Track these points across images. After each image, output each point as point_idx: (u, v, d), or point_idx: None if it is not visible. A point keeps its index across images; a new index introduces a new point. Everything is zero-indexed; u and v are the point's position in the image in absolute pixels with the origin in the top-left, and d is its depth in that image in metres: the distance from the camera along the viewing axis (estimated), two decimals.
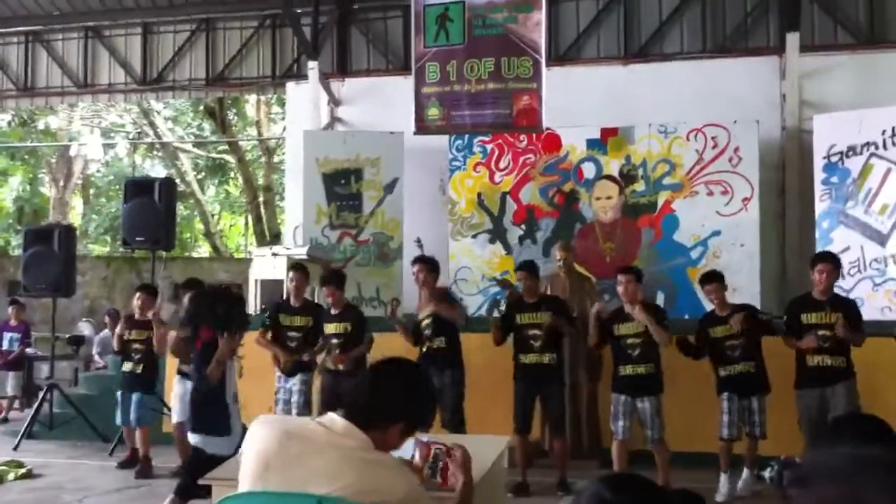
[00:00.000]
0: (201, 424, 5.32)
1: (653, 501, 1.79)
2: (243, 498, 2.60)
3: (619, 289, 6.61)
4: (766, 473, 3.09)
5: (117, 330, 8.02)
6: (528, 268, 7.22)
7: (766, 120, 9.78)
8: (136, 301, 7.85)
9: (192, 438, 5.38)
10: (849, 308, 6.36)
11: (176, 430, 7.26)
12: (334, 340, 7.26)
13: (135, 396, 7.57)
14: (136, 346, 7.67)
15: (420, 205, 10.40)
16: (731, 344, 6.56)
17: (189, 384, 6.72)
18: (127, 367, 7.71)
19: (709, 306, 6.98)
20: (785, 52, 10.25)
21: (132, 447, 7.64)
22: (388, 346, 6.70)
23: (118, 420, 7.69)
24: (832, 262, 6.47)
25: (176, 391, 7.38)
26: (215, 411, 5.26)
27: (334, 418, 2.61)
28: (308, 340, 7.33)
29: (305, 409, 7.20)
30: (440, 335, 7.10)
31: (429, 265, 7.39)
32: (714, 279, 6.79)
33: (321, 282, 7.75)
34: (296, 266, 7.76)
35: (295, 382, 7.29)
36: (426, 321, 7.19)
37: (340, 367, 7.13)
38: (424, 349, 7.13)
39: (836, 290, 6.56)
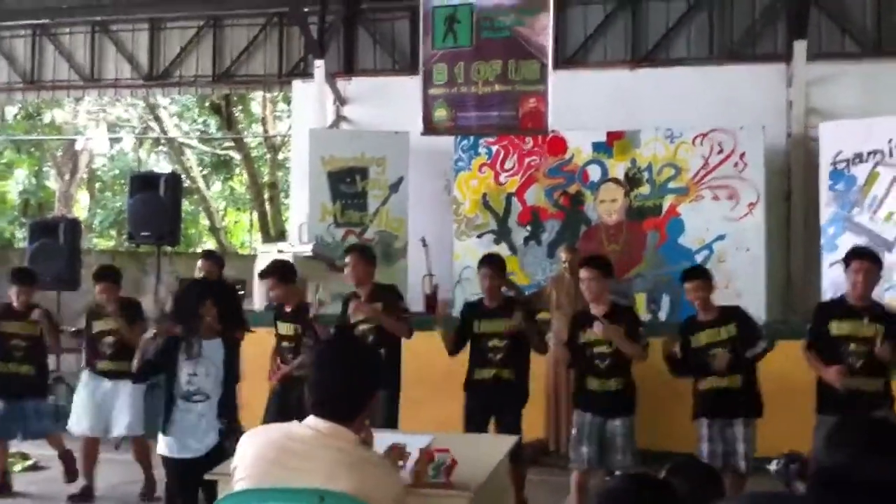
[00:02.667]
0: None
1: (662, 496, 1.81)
2: (246, 495, 2.61)
3: (582, 286, 5.71)
4: (772, 467, 3.10)
5: None
6: (489, 260, 6.25)
7: (772, 126, 9.77)
8: (13, 290, 6.73)
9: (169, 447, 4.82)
10: (892, 322, 5.24)
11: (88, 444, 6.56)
12: (285, 344, 6.35)
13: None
14: (17, 341, 6.68)
15: (425, 205, 10.41)
16: (716, 353, 5.58)
17: (106, 385, 6.44)
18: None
19: None
20: (792, 59, 10.24)
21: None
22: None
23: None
24: (871, 259, 5.37)
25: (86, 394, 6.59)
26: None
27: (317, 420, 2.61)
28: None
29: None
30: (379, 347, 5.95)
31: (364, 254, 6.51)
32: (696, 276, 5.81)
33: (260, 275, 6.84)
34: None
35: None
36: (363, 327, 6.25)
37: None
38: None
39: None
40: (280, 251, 9.13)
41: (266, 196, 21.92)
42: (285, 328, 6.38)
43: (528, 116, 9.38)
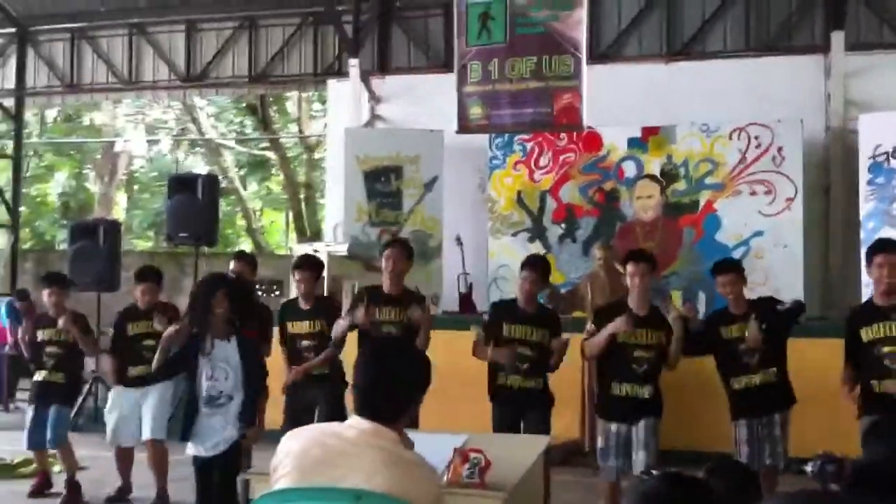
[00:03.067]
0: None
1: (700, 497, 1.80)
2: (283, 493, 2.62)
3: (629, 281, 5.32)
4: (808, 468, 3.07)
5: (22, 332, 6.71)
6: (535, 263, 5.82)
7: (810, 119, 9.67)
8: (48, 297, 6.56)
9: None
10: None
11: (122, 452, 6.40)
12: (305, 343, 6.05)
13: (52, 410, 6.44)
14: (52, 348, 6.52)
15: (460, 203, 10.41)
16: (749, 325, 5.28)
17: (133, 394, 6.24)
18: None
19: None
20: (830, 50, 10.12)
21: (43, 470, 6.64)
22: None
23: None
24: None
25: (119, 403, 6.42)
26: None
27: (359, 420, 2.62)
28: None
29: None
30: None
31: (405, 248, 6.08)
32: (728, 270, 5.52)
33: (294, 266, 6.45)
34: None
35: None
36: (387, 328, 5.80)
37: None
38: None
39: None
40: (316, 251, 9.16)
41: (302, 196, 22.03)
42: (304, 326, 6.06)
43: (563, 112, 9.34)
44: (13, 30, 13.92)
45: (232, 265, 6.62)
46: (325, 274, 7.07)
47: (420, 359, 2.81)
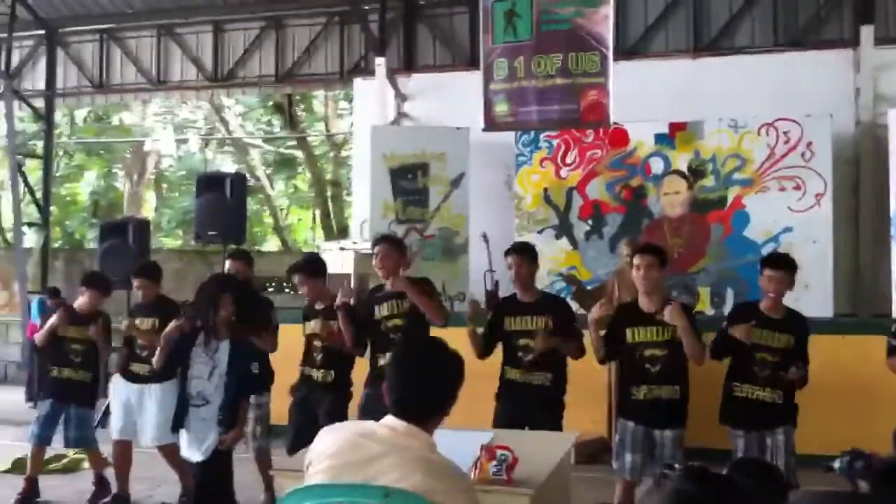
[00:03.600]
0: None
1: (732, 493, 1.79)
2: (313, 490, 2.64)
3: (636, 275, 4.95)
4: (836, 464, 3.05)
5: (52, 322, 6.49)
6: (519, 248, 5.54)
7: (839, 114, 9.58)
8: (86, 297, 6.47)
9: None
10: None
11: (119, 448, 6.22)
12: (317, 343, 5.76)
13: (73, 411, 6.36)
14: (77, 346, 6.43)
15: (486, 200, 10.41)
16: (764, 358, 4.90)
17: (133, 388, 6.12)
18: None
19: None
20: (859, 44, 10.03)
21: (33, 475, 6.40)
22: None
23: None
24: None
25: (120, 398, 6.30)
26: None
27: (394, 420, 2.63)
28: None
29: (264, 439, 6.03)
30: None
31: (394, 244, 5.83)
32: (782, 266, 5.08)
33: (288, 270, 6.26)
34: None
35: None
36: (391, 323, 5.56)
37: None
38: (381, 362, 5.42)
39: None
40: (342, 248, 9.21)
41: (328, 194, 22.13)
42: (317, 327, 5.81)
43: (590, 109, 9.31)
44: (43, 31, 14.07)
45: (228, 264, 6.51)
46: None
47: (454, 359, 2.81)
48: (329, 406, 5.56)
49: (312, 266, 5.96)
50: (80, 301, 6.50)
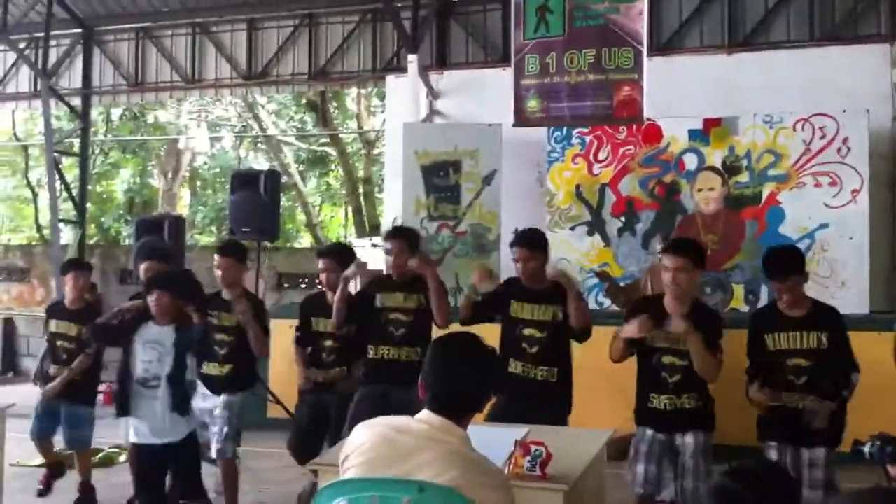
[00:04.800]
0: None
1: (774, 490, 1.78)
2: (347, 484, 2.67)
3: (665, 277, 4.55)
4: (866, 449, 3.03)
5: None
6: (525, 241, 5.14)
7: (876, 109, 9.47)
8: (70, 283, 6.36)
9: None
10: None
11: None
12: (328, 343, 5.78)
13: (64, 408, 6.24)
14: (63, 342, 6.32)
15: (518, 197, 10.39)
16: (797, 364, 4.42)
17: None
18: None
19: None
20: None
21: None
22: None
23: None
24: None
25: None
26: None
27: (430, 414, 2.65)
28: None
29: (231, 441, 5.72)
30: (413, 342, 5.25)
31: (409, 239, 5.62)
32: (785, 271, 4.51)
33: (318, 253, 6.16)
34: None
35: (216, 404, 5.72)
36: (393, 315, 5.37)
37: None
38: (380, 355, 5.35)
39: None
40: (374, 245, 9.24)
41: (361, 191, 22.20)
42: (328, 325, 5.71)
43: (623, 105, 9.26)
44: (79, 30, 14.23)
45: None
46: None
47: (490, 354, 2.83)
48: (336, 406, 5.60)
49: (344, 252, 6.02)
50: (69, 293, 6.39)
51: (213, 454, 5.66)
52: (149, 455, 5.02)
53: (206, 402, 5.67)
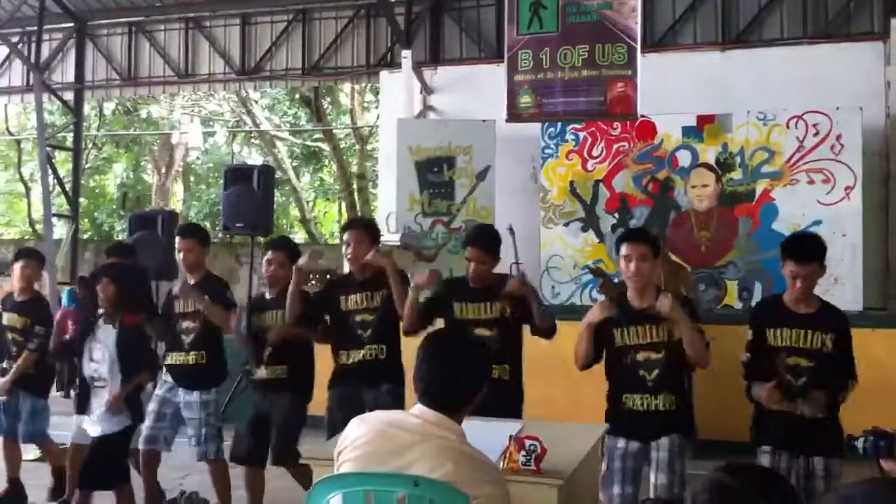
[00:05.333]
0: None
1: (772, 488, 1.78)
2: (342, 479, 2.67)
3: (623, 265, 4.23)
4: (860, 444, 3.04)
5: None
6: (479, 241, 4.88)
7: (869, 107, 9.49)
8: (17, 272, 6.15)
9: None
10: None
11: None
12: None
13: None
14: (14, 335, 6.13)
15: (512, 193, 10.40)
16: (797, 363, 4.13)
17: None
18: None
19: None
20: (889, 37, 9.93)
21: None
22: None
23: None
24: None
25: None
26: None
27: (423, 409, 2.66)
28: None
29: (213, 442, 5.50)
30: (380, 340, 5.07)
31: (368, 230, 5.36)
32: (812, 256, 4.12)
33: (266, 245, 5.91)
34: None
35: (190, 401, 5.50)
36: (360, 317, 5.13)
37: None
38: (351, 359, 5.14)
39: None
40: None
41: (354, 186, 22.19)
42: (272, 317, 5.47)
43: (617, 101, 9.26)
44: (72, 24, 14.19)
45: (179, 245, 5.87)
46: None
47: (483, 348, 2.83)
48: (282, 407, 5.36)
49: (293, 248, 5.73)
50: (16, 283, 6.21)
51: (195, 457, 5.51)
52: (90, 447, 5.04)
53: (171, 393, 5.51)
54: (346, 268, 5.89)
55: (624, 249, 4.24)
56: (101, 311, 5.04)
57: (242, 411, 5.83)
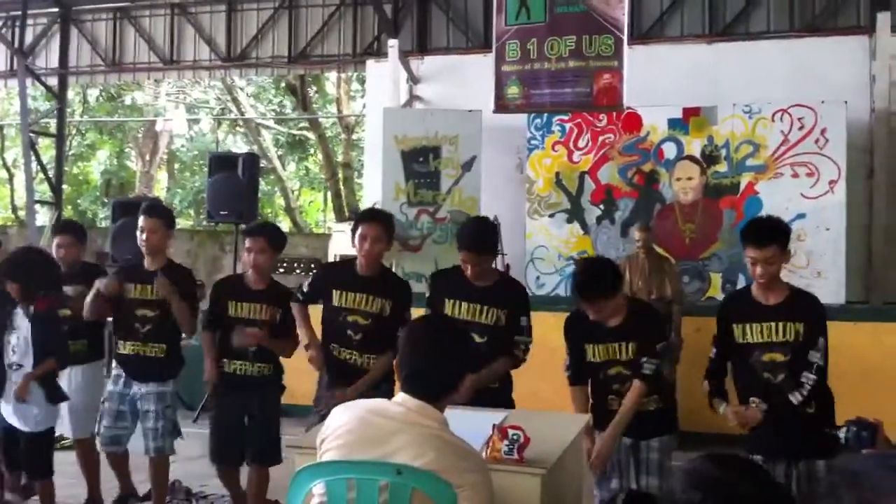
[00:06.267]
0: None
1: (759, 482, 1.77)
2: (324, 466, 2.66)
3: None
4: (842, 434, 3.06)
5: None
6: (469, 244, 4.42)
7: (854, 101, 9.53)
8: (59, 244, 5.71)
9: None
10: None
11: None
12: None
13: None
14: None
15: (497, 183, 10.40)
16: (773, 359, 3.91)
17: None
18: None
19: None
20: (875, 31, 9.96)
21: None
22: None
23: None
24: None
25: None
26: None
27: (406, 397, 2.65)
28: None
29: (169, 437, 5.25)
30: (373, 346, 4.70)
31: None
32: (768, 239, 3.88)
33: (244, 232, 5.50)
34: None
35: (147, 392, 5.21)
36: (354, 317, 4.74)
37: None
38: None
39: None
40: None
41: (340, 175, 22.15)
42: (251, 309, 5.09)
43: (603, 93, 9.29)
44: (57, 9, 14.06)
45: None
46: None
47: (464, 337, 2.83)
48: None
49: (276, 235, 5.31)
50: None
51: (151, 452, 5.22)
52: (11, 437, 5.00)
53: (126, 388, 5.22)
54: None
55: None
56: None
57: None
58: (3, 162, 22.98)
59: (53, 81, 14.42)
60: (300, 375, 5.36)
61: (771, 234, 3.89)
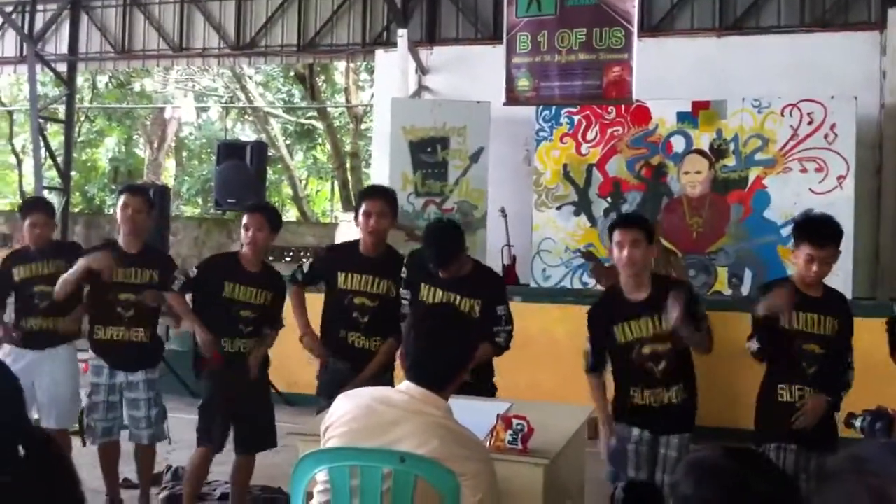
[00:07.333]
0: None
1: (770, 478, 1.76)
2: (328, 453, 2.67)
3: (615, 253, 4.05)
4: (857, 423, 3.05)
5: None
6: (443, 259, 4.42)
7: (864, 97, 9.49)
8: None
9: None
10: None
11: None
12: (244, 314, 4.92)
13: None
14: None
15: (505, 175, 10.39)
16: (811, 350, 3.95)
17: (28, 355, 5.25)
18: None
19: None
20: (886, 27, 9.92)
21: None
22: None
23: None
24: None
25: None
26: None
27: (410, 385, 2.66)
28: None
29: (162, 423, 5.28)
30: (380, 329, 4.72)
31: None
32: (829, 238, 3.94)
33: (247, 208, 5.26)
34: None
35: (136, 381, 5.18)
36: (361, 300, 4.76)
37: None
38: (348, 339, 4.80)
39: None
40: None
41: (348, 165, 22.15)
42: (248, 293, 4.94)
43: (613, 85, 9.26)
44: None
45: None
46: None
47: (470, 325, 2.84)
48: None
49: (274, 214, 5.26)
50: None
51: (144, 440, 5.23)
52: None
53: (112, 378, 5.16)
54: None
55: (616, 235, 4.04)
56: None
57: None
58: (12, 147, 23.01)
59: (63, 68, 14.43)
60: (301, 364, 5.37)
61: (833, 234, 3.98)
